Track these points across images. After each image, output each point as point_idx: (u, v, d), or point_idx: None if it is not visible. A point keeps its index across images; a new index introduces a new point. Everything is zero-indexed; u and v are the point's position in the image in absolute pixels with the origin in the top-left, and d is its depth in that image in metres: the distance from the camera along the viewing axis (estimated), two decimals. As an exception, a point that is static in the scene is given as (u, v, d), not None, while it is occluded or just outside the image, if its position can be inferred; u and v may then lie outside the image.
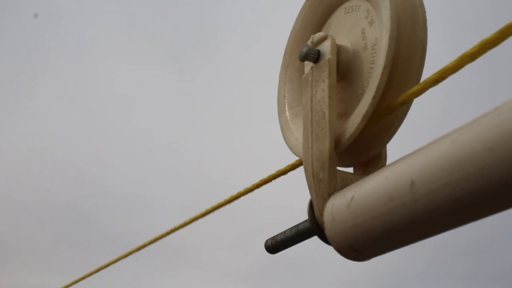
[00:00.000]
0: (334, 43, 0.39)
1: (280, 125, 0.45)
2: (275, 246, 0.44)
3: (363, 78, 0.38)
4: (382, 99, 0.36)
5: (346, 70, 0.39)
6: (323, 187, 0.36)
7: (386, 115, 0.36)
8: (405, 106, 0.36)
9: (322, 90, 0.37)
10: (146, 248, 0.73)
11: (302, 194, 0.39)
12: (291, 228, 0.42)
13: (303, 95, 0.40)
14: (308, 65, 0.40)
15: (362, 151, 0.39)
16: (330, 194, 0.36)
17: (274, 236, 0.44)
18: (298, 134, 0.42)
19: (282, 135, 0.44)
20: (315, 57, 0.39)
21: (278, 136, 0.45)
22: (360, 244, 0.33)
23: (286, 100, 0.46)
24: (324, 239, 0.37)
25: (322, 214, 0.36)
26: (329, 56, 0.38)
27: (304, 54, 0.39)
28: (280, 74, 0.47)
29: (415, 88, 0.34)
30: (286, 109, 0.45)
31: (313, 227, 0.38)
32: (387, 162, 0.41)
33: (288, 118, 0.45)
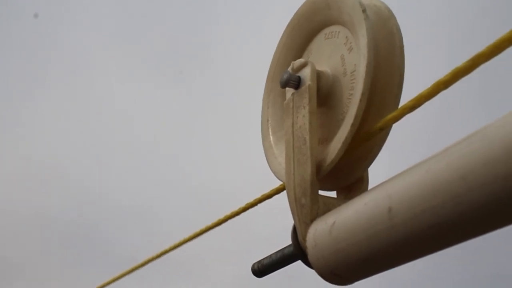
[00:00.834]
0: (314, 70, 0.39)
1: (263, 149, 0.46)
2: (261, 269, 0.44)
3: (343, 104, 0.38)
4: (361, 125, 0.36)
5: (327, 96, 0.40)
6: (306, 213, 0.37)
7: (366, 141, 0.37)
8: (384, 131, 0.36)
9: (303, 116, 0.38)
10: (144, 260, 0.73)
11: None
12: (277, 252, 0.42)
13: (285, 121, 0.40)
14: (289, 91, 0.41)
15: (343, 176, 0.40)
16: (313, 219, 0.36)
17: (261, 260, 0.45)
18: (282, 159, 0.43)
19: (266, 160, 0.45)
20: (296, 83, 0.39)
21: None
22: (341, 269, 0.34)
23: (269, 124, 0.46)
24: (307, 264, 0.37)
25: (305, 239, 0.36)
26: (309, 82, 0.39)
27: (284, 80, 0.40)
28: (263, 99, 0.47)
29: (393, 114, 0.34)
30: (270, 133, 0.46)
31: (296, 252, 0.38)
32: (370, 183, 0.41)
33: (272, 142, 0.45)
